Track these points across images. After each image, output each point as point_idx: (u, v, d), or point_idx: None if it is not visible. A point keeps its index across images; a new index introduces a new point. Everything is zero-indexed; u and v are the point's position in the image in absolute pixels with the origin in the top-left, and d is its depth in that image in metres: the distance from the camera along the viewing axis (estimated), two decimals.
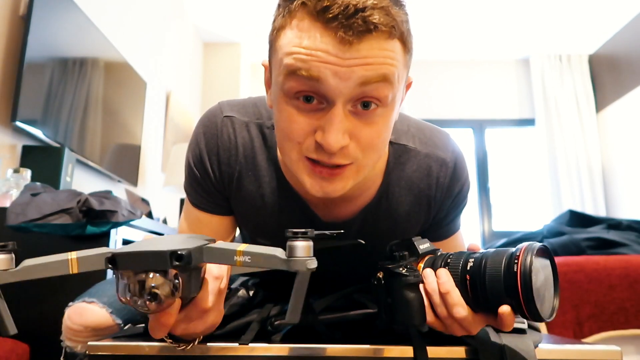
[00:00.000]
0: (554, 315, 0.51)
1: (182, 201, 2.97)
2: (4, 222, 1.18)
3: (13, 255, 0.45)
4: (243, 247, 0.44)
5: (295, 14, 0.54)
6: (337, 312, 0.69)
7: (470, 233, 4.08)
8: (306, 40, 0.52)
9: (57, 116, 1.78)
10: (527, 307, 0.49)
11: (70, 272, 0.46)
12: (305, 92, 0.54)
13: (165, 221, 2.69)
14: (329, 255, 0.78)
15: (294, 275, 0.57)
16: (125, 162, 2.43)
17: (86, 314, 0.71)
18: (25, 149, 1.65)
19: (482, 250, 0.56)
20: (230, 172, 0.71)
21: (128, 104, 2.46)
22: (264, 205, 0.73)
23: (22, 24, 1.64)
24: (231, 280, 0.91)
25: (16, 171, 1.44)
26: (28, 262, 0.45)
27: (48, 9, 1.71)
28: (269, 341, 0.60)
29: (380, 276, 0.57)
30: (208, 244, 0.46)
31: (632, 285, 1.60)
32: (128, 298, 0.42)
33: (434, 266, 0.57)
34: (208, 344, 0.58)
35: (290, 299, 0.43)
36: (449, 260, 0.56)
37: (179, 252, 0.41)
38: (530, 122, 4.24)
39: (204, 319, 0.51)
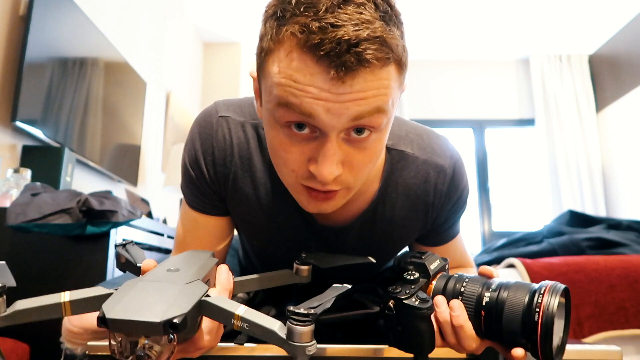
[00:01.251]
0: (562, 353, 0.51)
1: (182, 201, 2.96)
2: (4, 222, 1.18)
3: (4, 298, 0.43)
4: (242, 311, 0.41)
5: (283, 42, 0.50)
6: (337, 312, 0.69)
7: (470, 233, 4.08)
8: (297, 74, 0.49)
9: (57, 116, 1.78)
10: (543, 351, 0.49)
11: (64, 316, 0.44)
12: (297, 121, 0.52)
13: (165, 221, 2.69)
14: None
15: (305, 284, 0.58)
16: (125, 162, 2.43)
17: (86, 316, 0.71)
18: (25, 149, 1.65)
19: (497, 281, 0.54)
20: (226, 173, 0.70)
21: (128, 104, 2.46)
22: (259, 207, 0.72)
23: (22, 24, 1.64)
24: None
25: (16, 171, 1.44)
26: (20, 305, 0.43)
27: (48, 9, 1.70)
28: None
29: (392, 305, 0.55)
30: (207, 293, 0.44)
31: (632, 285, 1.60)
32: (119, 354, 0.40)
33: (445, 291, 0.56)
34: None
35: None
36: (462, 290, 0.55)
37: (173, 322, 0.38)
38: (530, 122, 4.24)
39: (202, 350, 0.50)
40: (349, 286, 0.53)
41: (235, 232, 0.84)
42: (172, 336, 0.40)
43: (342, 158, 0.54)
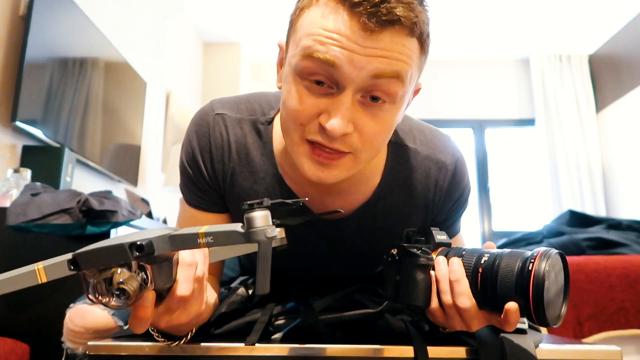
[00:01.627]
0: (560, 322, 0.51)
1: (181, 200, 2.96)
2: (4, 222, 1.18)
3: None
4: (205, 228, 0.43)
5: None
6: (338, 312, 0.69)
7: (470, 233, 4.08)
8: (329, 23, 0.53)
9: (57, 116, 1.78)
10: (535, 310, 0.49)
11: (40, 282, 0.45)
12: (318, 75, 0.55)
13: (165, 221, 2.69)
14: (328, 253, 0.79)
15: (293, 274, 0.57)
16: (125, 162, 2.43)
17: (88, 315, 0.71)
18: (25, 149, 1.65)
19: (497, 249, 0.56)
20: (224, 170, 0.71)
21: (128, 104, 2.46)
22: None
23: (22, 24, 1.64)
24: (231, 279, 0.91)
25: (16, 171, 1.44)
26: None
27: (48, 9, 1.70)
28: (270, 341, 0.60)
29: (394, 252, 0.58)
30: (175, 232, 0.45)
31: (632, 285, 1.60)
32: (98, 297, 0.41)
33: (447, 256, 0.58)
34: (208, 344, 0.58)
35: (257, 271, 0.42)
36: (463, 252, 0.57)
37: (138, 243, 0.39)
38: (530, 122, 4.24)
39: (186, 308, 0.50)
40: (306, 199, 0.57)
41: None
42: (145, 276, 0.41)
43: (354, 119, 0.56)
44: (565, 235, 1.90)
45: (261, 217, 0.41)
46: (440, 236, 0.60)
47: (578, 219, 2.08)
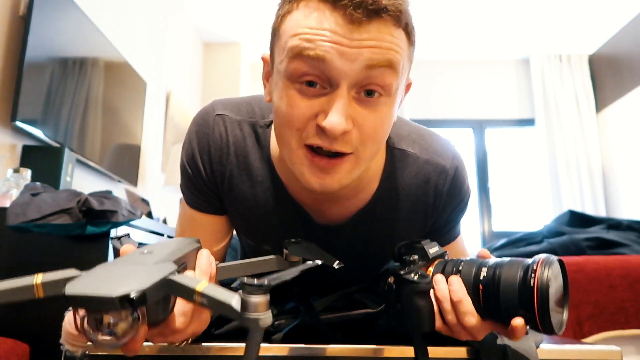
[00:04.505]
0: (564, 328, 0.51)
1: (181, 200, 2.96)
2: (4, 222, 1.18)
3: None
4: (203, 286, 0.41)
5: None
6: (338, 312, 0.69)
7: (470, 233, 4.08)
8: (313, 21, 0.52)
9: (57, 116, 1.78)
10: (542, 321, 0.48)
11: (36, 297, 0.44)
12: (309, 74, 0.53)
13: (165, 221, 2.69)
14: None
15: (298, 277, 0.56)
16: (125, 162, 2.43)
17: None
18: (25, 149, 1.65)
19: (494, 259, 0.55)
20: (222, 171, 0.70)
21: (128, 104, 2.46)
22: (256, 205, 0.71)
23: (22, 24, 1.64)
24: (230, 279, 0.91)
25: (16, 171, 1.44)
26: None
27: (48, 9, 1.70)
28: (270, 341, 0.60)
29: (391, 281, 0.56)
30: (175, 270, 0.43)
31: (632, 285, 1.60)
32: (86, 333, 0.39)
33: (444, 272, 0.56)
34: (208, 344, 0.58)
35: (245, 350, 0.40)
36: (460, 268, 0.55)
37: (130, 297, 0.37)
38: (530, 122, 4.24)
39: (182, 333, 0.48)
40: (319, 262, 0.53)
41: (235, 232, 0.84)
42: (136, 315, 0.40)
43: (352, 115, 0.54)
44: (565, 235, 1.90)
45: (259, 304, 0.39)
46: (432, 249, 0.59)
47: (578, 219, 2.08)
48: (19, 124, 1.57)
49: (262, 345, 0.59)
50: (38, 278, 0.43)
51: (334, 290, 0.75)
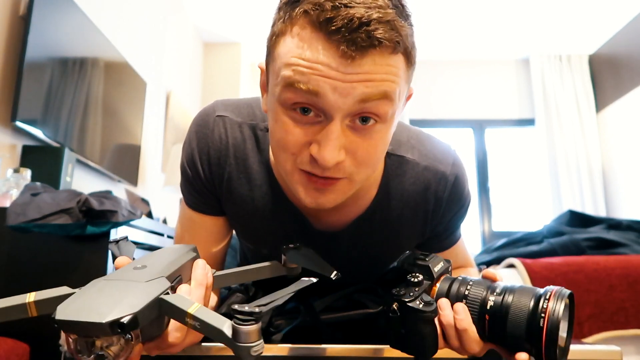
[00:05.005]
0: (566, 356, 0.51)
1: (181, 201, 2.96)
2: (4, 222, 1.18)
3: None
4: (194, 309, 0.40)
5: (296, 21, 0.51)
6: (338, 312, 0.69)
7: (470, 233, 4.08)
8: (307, 52, 0.50)
9: (57, 116, 1.78)
10: (547, 354, 0.48)
11: (30, 316, 0.43)
12: (303, 104, 0.52)
13: (165, 221, 2.69)
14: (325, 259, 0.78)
15: (295, 278, 0.56)
16: (125, 162, 2.43)
17: None
18: (25, 149, 1.65)
19: (502, 284, 0.54)
20: (221, 173, 0.70)
21: (128, 104, 2.46)
22: (254, 209, 0.71)
23: (22, 24, 1.64)
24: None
25: (16, 171, 1.44)
26: None
27: (48, 9, 1.70)
28: (270, 341, 0.60)
29: (396, 308, 0.54)
30: (167, 291, 0.43)
31: (632, 285, 1.60)
32: (77, 355, 0.39)
33: (449, 294, 0.55)
34: (208, 344, 0.58)
35: None
36: (466, 292, 0.54)
37: (121, 322, 0.37)
38: (530, 122, 4.24)
39: (179, 344, 0.48)
40: (314, 280, 0.52)
41: (235, 233, 0.84)
42: (129, 336, 0.39)
43: (345, 144, 0.53)
44: (565, 235, 1.90)
45: (251, 333, 0.38)
46: (437, 267, 0.57)
47: (578, 219, 2.08)
48: (19, 124, 1.57)
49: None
50: (31, 297, 0.43)
51: (334, 290, 0.75)
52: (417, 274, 0.56)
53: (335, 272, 0.56)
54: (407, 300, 0.53)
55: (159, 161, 3.03)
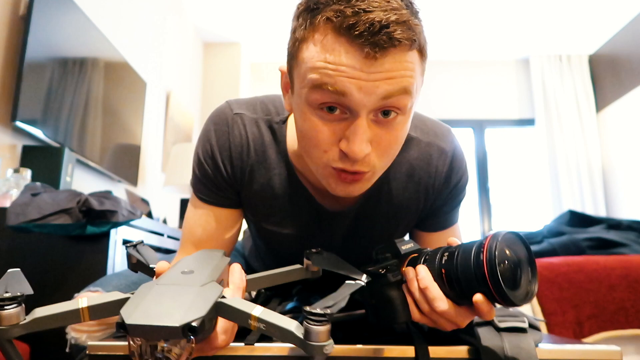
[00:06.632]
0: (529, 299, 0.51)
1: (182, 201, 2.97)
2: (4, 222, 1.18)
3: (23, 306, 0.44)
4: (258, 311, 0.43)
5: (318, 28, 0.55)
6: (338, 312, 0.69)
7: (470, 233, 4.08)
8: (331, 56, 0.54)
9: (57, 116, 1.78)
10: (497, 293, 0.49)
11: (82, 321, 0.46)
12: (330, 103, 0.56)
13: (165, 221, 2.69)
14: (333, 238, 0.80)
15: (297, 259, 0.57)
16: (125, 162, 2.43)
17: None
18: (25, 149, 1.65)
19: (459, 243, 0.56)
20: (243, 167, 0.75)
21: (128, 104, 2.46)
22: (273, 196, 0.77)
23: (22, 24, 1.64)
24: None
25: (16, 171, 1.44)
26: (39, 313, 0.44)
27: (48, 9, 1.70)
28: (270, 341, 0.60)
29: (365, 281, 0.57)
30: (222, 294, 0.45)
31: (632, 285, 1.60)
32: (139, 357, 0.41)
33: (415, 264, 0.58)
34: None
35: None
36: (427, 257, 0.57)
37: (192, 325, 0.39)
38: (530, 122, 4.24)
39: (217, 349, 0.50)
40: (363, 283, 0.55)
41: (240, 236, 0.85)
42: (190, 337, 0.41)
43: (371, 137, 0.58)
44: (565, 235, 1.90)
45: (323, 333, 0.41)
46: (405, 246, 0.61)
47: (578, 219, 2.08)
48: (19, 124, 1.57)
49: (262, 345, 0.59)
50: (83, 302, 0.44)
51: (334, 289, 0.75)
52: (385, 252, 0.60)
53: (365, 276, 0.58)
54: (371, 268, 0.58)
55: (159, 161, 3.03)
